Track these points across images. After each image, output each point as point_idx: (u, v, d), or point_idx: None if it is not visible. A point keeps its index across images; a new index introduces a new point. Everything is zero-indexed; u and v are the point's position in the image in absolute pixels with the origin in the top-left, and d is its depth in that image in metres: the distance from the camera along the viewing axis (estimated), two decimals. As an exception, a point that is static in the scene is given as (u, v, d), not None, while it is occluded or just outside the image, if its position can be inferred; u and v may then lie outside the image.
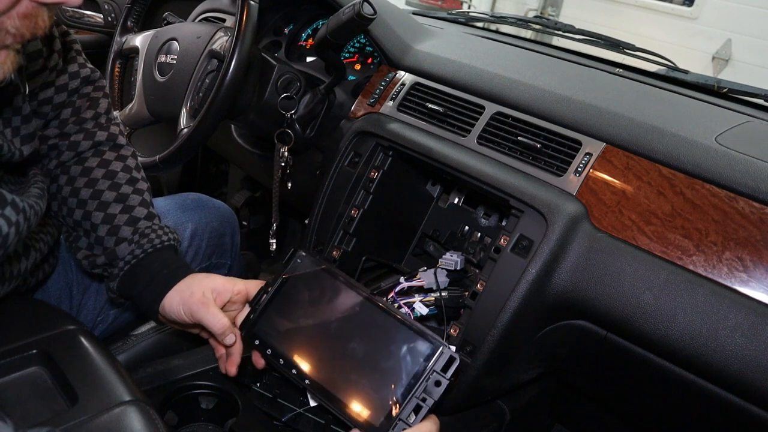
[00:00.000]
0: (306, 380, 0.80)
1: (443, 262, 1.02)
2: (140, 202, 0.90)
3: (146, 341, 1.03)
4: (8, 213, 0.67)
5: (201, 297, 0.84)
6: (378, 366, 0.77)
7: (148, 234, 0.88)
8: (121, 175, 0.90)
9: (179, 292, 0.86)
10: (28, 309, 0.86)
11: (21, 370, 0.74)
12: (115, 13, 1.91)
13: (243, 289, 0.88)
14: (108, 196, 0.88)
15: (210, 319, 0.83)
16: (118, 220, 0.88)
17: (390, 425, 0.73)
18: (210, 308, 0.83)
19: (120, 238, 0.88)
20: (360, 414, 0.75)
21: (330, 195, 1.15)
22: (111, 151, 0.92)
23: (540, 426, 1.35)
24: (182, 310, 0.85)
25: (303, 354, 0.81)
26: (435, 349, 0.75)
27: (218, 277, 0.88)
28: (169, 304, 0.86)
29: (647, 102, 1.15)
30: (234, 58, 1.01)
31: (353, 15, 1.04)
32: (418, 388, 0.74)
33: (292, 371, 0.81)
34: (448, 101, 1.11)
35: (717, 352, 0.78)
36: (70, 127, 0.90)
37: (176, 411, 0.89)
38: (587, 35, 1.55)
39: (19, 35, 0.57)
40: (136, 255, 0.87)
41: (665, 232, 0.86)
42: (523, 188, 0.93)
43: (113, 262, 0.88)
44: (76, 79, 0.91)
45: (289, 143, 1.20)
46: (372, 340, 0.79)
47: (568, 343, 0.97)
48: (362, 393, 0.76)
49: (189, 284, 0.87)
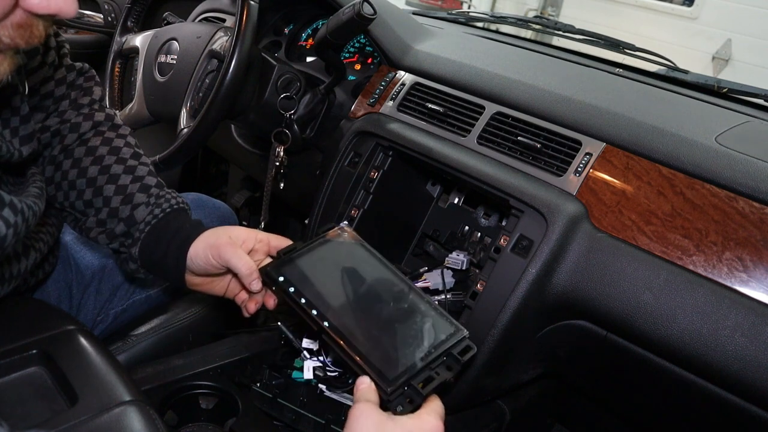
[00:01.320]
0: (325, 322, 0.76)
1: (450, 261, 1.02)
2: (148, 172, 0.92)
3: (146, 341, 1.04)
4: (6, 214, 0.67)
5: (228, 240, 0.84)
6: (401, 330, 0.76)
7: (163, 195, 0.90)
8: (125, 150, 0.92)
9: (205, 239, 0.86)
10: (27, 309, 0.86)
11: (21, 370, 0.74)
12: (115, 13, 1.92)
13: (265, 239, 0.88)
14: (117, 169, 0.89)
15: (237, 260, 0.82)
16: (131, 189, 0.89)
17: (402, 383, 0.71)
18: (237, 250, 0.83)
19: (136, 204, 0.88)
20: (374, 363, 0.72)
21: (330, 195, 1.15)
22: (110, 130, 0.93)
23: (540, 426, 1.35)
24: (210, 253, 0.84)
25: (326, 301, 0.79)
26: (458, 333, 0.76)
27: (239, 228, 0.89)
28: (195, 253, 0.86)
29: (647, 102, 1.15)
30: (234, 58, 1.01)
31: (353, 15, 1.04)
32: (436, 360, 0.74)
33: (312, 311, 0.77)
34: (448, 101, 1.11)
35: (717, 352, 0.78)
36: (70, 113, 0.91)
37: (176, 411, 0.89)
38: (587, 35, 1.55)
39: (13, 44, 0.57)
40: (156, 214, 0.88)
41: (665, 232, 0.86)
42: (523, 188, 0.93)
43: (132, 227, 0.88)
44: (72, 71, 0.92)
45: (286, 143, 1.20)
46: (399, 308, 0.78)
47: (568, 343, 0.97)
48: (380, 348, 0.74)
49: (214, 231, 0.87)
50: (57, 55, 0.89)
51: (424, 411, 0.69)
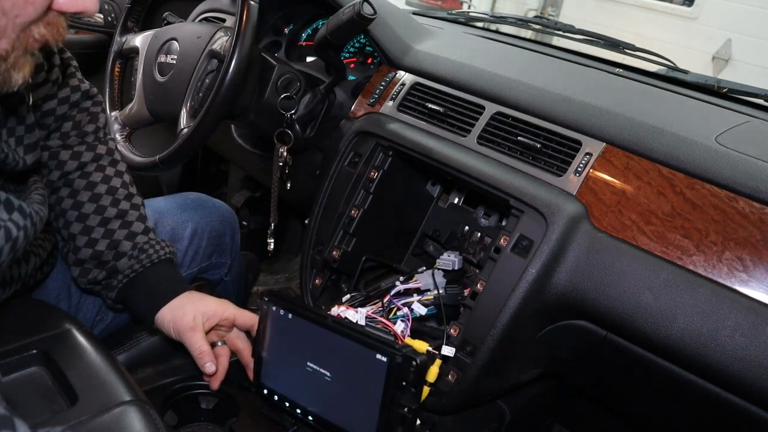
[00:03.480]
0: (297, 410, 0.86)
1: (441, 263, 1.02)
2: (137, 218, 0.95)
3: (146, 341, 1.04)
4: (16, 218, 0.68)
5: (191, 321, 0.89)
6: (353, 388, 0.81)
7: (146, 249, 0.93)
8: (120, 191, 0.95)
9: (172, 310, 0.91)
10: (27, 309, 0.86)
11: (21, 370, 0.74)
12: (115, 13, 1.92)
13: (231, 317, 0.93)
14: (110, 213, 0.93)
15: (193, 344, 0.88)
16: (117, 236, 0.92)
17: None
18: (196, 334, 0.89)
19: (120, 253, 0.92)
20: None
21: (330, 195, 1.15)
22: (110, 166, 0.97)
23: (540, 426, 1.35)
24: (171, 328, 0.90)
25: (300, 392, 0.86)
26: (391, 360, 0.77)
27: (211, 301, 0.93)
28: (161, 320, 0.91)
29: (647, 102, 1.15)
30: (234, 58, 1.01)
31: (353, 15, 1.04)
32: (391, 400, 0.76)
33: (297, 411, 0.86)
34: (448, 101, 1.11)
35: (717, 352, 0.78)
36: (73, 139, 0.94)
37: (176, 411, 0.89)
38: (587, 35, 1.55)
39: (43, 41, 0.60)
40: (135, 269, 0.92)
41: (665, 232, 0.86)
42: (523, 188, 0.93)
43: (112, 275, 0.92)
44: (77, 92, 0.94)
45: (289, 143, 1.20)
46: (342, 365, 0.82)
47: (568, 344, 0.97)
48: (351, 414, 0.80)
49: (183, 304, 0.91)
50: (62, 73, 0.90)
51: None
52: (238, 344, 0.95)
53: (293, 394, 0.86)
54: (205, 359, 0.88)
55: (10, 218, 0.67)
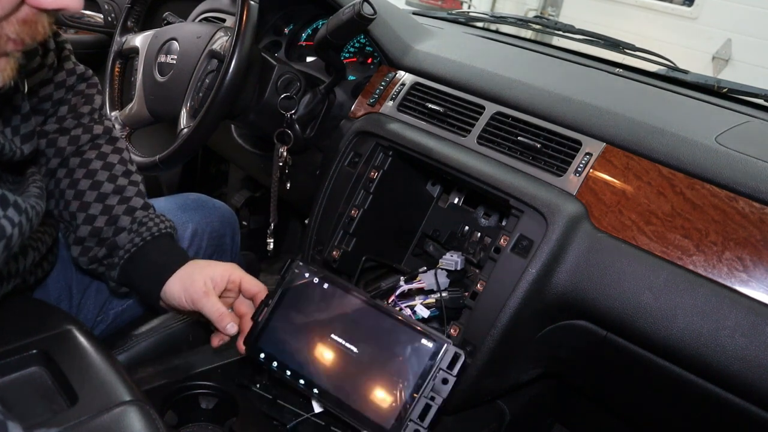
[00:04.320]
0: (315, 389, 0.81)
1: (443, 263, 1.02)
2: (136, 193, 0.93)
3: (146, 341, 1.03)
4: (11, 214, 0.67)
5: (202, 286, 0.87)
6: (384, 368, 0.78)
7: (146, 222, 0.91)
8: (118, 167, 0.93)
9: (181, 279, 0.88)
10: (27, 309, 0.86)
11: (21, 370, 0.74)
12: (115, 13, 1.92)
13: (237, 280, 0.91)
14: (106, 188, 0.91)
15: (210, 308, 0.85)
16: (116, 211, 0.90)
17: (401, 427, 0.74)
18: (210, 298, 0.86)
19: (119, 228, 0.90)
20: (371, 418, 0.75)
21: (330, 195, 1.15)
22: (108, 144, 0.94)
23: (540, 426, 1.35)
24: (183, 297, 0.87)
25: (309, 364, 0.82)
26: (439, 347, 0.76)
27: (218, 266, 0.90)
28: (170, 291, 0.88)
29: (647, 102, 1.15)
30: (234, 58, 1.01)
31: (353, 15, 1.04)
32: (426, 387, 0.75)
33: (299, 382, 0.82)
34: (448, 101, 1.11)
35: (717, 352, 0.78)
36: (69, 122, 0.92)
37: (176, 411, 0.89)
38: (587, 35, 1.55)
39: (19, 41, 0.57)
40: (136, 243, 0.90)
41: (665, 232, 0.86)
42: (523, 188, 0.93)
43: (113, 252, 0.90)
44: (72, 75, 0.92)
45: (289, 143, 1.20)
46: (376, 343, 0.80)
47: (568, 344, 0.97)
48: (371, 397, 0.77)
49: (190, 272, 0.89)
50: (57, 57, 0.89)
51: None
52: (242, 309, 0.92)
53: (300, 365, 0.83)
54: (225, 320, 0.85)
55: (5, 215, 0.66)
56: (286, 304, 0.87)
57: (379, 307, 0.82)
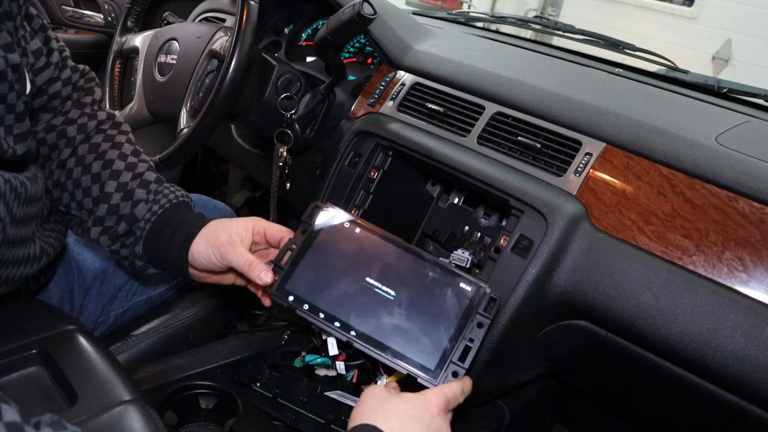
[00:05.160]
0: (352, 332, 0.78)
1: (455, 257, 1.02)
2: (148, 168, 0.93)
3: (146, 341, 1.04)
4: None
5: (228, 239, 0.86)
6: (423, 311, 0.77)
7: (161, 191, 0.91)
8: (126, 146, 0.94)
9: (206, 237, 0.88)
10: (28, 309, 0.86)
11: (21, 370, 0.74)
12: (115, 13, 1.92)
13: (261, 230, 0.89)
14: (118, 165, 0.91)
15: (239, 260, 0.84)
16: (131, 185, 0.90)
17: (443, 366, 0.74)
18: (237, 248, 0.85)
19: (136, 201, 0.90)
20: (414, 358, 0.75)
21: (330, 195, 1.15)
22: (112, 128, 0.95)
23: (540, 426, 1.35)
24: (212, 253, 0.86)
25: (342, 306, 0.79)
26: (477, 291, 0.77)
27: (239, 220, 0.90)
28: (197, 251, 0.87)
29: (647, 102, 1.15)
30: (234, 58, 1.01)
31: (353, 15, 1.04)
32: (467, 329, 0.75)
33: (334, 324, 0.78)
34: (448, 101, 1.11)
35: (717, 352, 0.78)
36: (74, 112, 0.92)
37: (176, 411, 0.89)
38: (587, 35, 1.55)
39: None
40: (155, 211, 0.90)
41: (665, 232, 0.86)
42: (523, 188, 0.93)
43: (134, 225, 0.89)
44: (76, 72, 0.93)
45: (289, 143, 1.20)
46: (413, 286, 0.79)
47: (568, 344, 0.97)
48: (411, 338, 0.76)
49: (214, 229, 0.88)
50: (60, 56, 0.89)
51: (431, 390, 0.73)
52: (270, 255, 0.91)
53: (333, 308, 0.79)
54: (257, 268, 0.81)
55: None
56: (314, 247, 0.84)
57: (414, 251, 0.81)
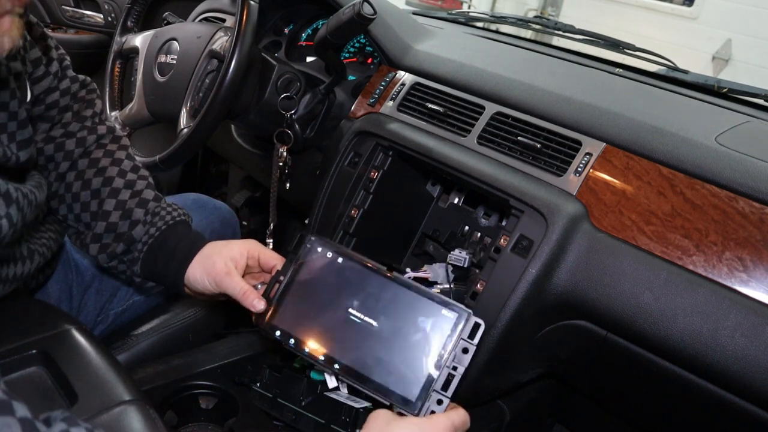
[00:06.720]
0: (335, 365, 0.79)
1: (452, 258, 1.02)
2: (146, 186, 0.94)
3: (146, 341, 1.04)
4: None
5: (223, 267, 0.87)
6: (405, 341, 0.78)
7: (159, 212, 0.92)
8: (126, 162, 0.94)
9: (201, 263, 0.89)
10: (27, 309, 0.86)
11: (21, 370, 0.74)
12: (115, 13, 1.92)
13: (255, 255, 0.91)
14: (118, 183, 0.92)
15: (234, 288, 0.86)
16: (129, 204, 0.91)
17: (425, 397, 0.74)
18: (233, 277, 0.86)
19: (134, 221, 0.91)
20: (395, 390, 0.75)
21: (330, 195, 1.15)
22: (112, 143, 0.96)
23: (540, 426, 1.35)
24: (206, 280, 0.88)
25: (327, 339, 0.81)
26: (460, 317, 0.77)
27: (235, 244, 0.91)
28: (193, 276, 0.89)
29: (647, 102, 1.15)
30: (234, 58, 1.01)
31: (353, 15, 1.04)
32: (449, 358, 0.75)
33: (319, 359, 0.80)
34: (448, 101, 1.11)
35: (717, 352, 0.78)
36: (74, 125, 0.93)
37: (176, 411, 0.89)
38: (587, 35, 1.55)
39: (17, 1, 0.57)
40: (152, 234, 0.91)
41: (665, 232, 0.86)
42: (523, 188, 0.93)
43: (131, 246, 0.91)
44: (76, 82, 0.94)
45: (289, 143, 1.20)
46: (395, 316, 0.79)
47: (568, 344, 0.97)
48: (393, 369, 0.77)
49: (209, 254, 0.89)
50: (60, 66, 0.90)
51: (438, 415, 0.73)
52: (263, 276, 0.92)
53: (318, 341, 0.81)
54: (250, 297, 0.84)
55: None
56: (300, 279, 0.85)
57: (397, 280, 0.81)
